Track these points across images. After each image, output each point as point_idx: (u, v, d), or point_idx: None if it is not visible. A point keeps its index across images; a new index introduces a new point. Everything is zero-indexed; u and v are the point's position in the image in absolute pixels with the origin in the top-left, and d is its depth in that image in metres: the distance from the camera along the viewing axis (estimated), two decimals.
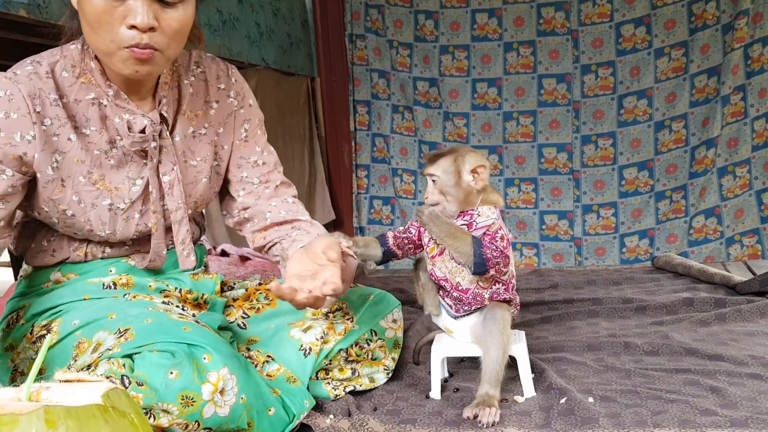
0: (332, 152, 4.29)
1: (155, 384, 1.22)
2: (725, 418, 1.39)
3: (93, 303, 1.44)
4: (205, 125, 1.52)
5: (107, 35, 1.23)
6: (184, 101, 1.48)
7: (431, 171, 1.58)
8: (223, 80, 1.56)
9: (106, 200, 1.40)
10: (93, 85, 1.35)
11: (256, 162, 1.61)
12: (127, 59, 1.25)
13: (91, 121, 1.35)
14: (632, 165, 3.94)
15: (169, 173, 1.45)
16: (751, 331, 1.95)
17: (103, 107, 1.36)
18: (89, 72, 1.34)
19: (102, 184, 1.39)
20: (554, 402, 1.53)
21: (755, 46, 3.64)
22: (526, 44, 3.96)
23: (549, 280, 2.73)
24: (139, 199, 1.44)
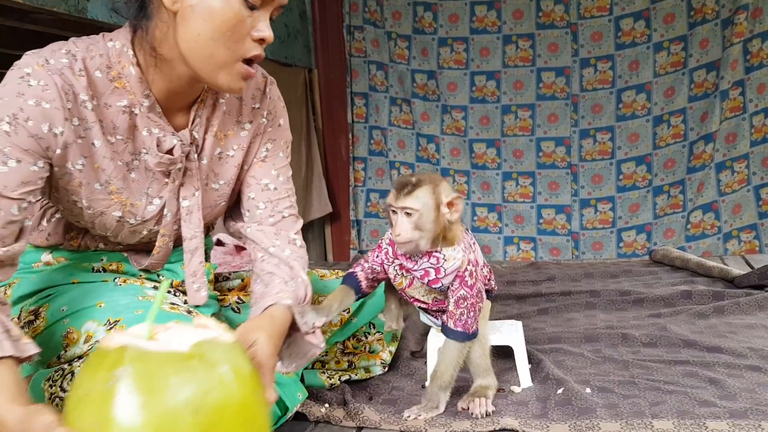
0: (329, 144, 4.27)
1: None
2: (724, 409, 1.38)
3: (81, 287, 1.39)
4: (234, 147, 1.42)
5: (233, 45, 1.17)
6: (216, 120, 1.38)
7: (408, 204, 1.38)
8: (258, 99, 1.44)
9: (116, 212, 1.32)
10: (127, 91, 1.24)
11: (267, 186, 1.46)
12: (239, 74, 1.20)
13: (118, 129, 1.26)
14: (630, 159, 3.92)
15: (189, 198, 1.36)
16: (750, 323, 1.94)
17: (133, 116, 1.26)
18: (125, 77, 1.23)
19: (118, 196, 1.30)
20: (551, 392, 1.52)
21: (754, 41, 3.62)
22: (525, 37, 3.94)
23: (546, 272, 2.72)
24: (152, 219, 1.36)
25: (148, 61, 1.23)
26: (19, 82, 1.15)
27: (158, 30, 1.19)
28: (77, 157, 1.22)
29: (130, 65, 1.23)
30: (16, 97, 1.14)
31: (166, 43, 1.20)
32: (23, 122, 1.13)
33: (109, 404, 0.82)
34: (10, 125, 1.13)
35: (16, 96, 1.14)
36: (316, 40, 4.14)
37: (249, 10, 1.16)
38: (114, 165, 1.27)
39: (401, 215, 1.40)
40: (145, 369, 0.85)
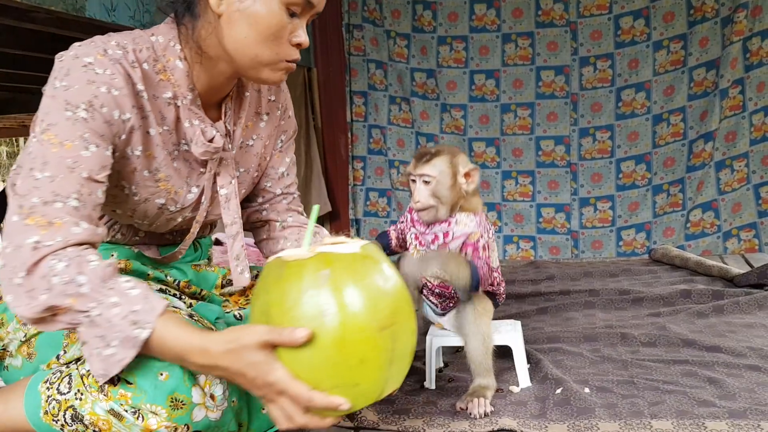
0: (329, 143, 4.26)
1: (144, 385, 1.20)
2: (723, 409, 1.38)
3: None
4: (254, 137, 1.51)
5: (276, 47, 1.26)
6: (243, 113, 1.47)
7: (426, 171, 1.48)
8: (273, 92, 1.55)
9: (160, 199, 1.37)
10: (171, 84, 1.31)
11: (283, 174, 1.60)
12: (282, 70, 1.29)
13: (166, 120, 1.32)
14: (630, 158, 3.92)
15: (227, 186, 1.44)
16: (749, 323, 1.93)
17: (177, 108, 1.33)
18: (170, 70, 1.31)
19: (165, 184, 1.36)
20: (550, 392, 1.52)
21: (754, 40, 3.62)
22: (524, 36, 3.93)
23: (545, 271, 2.72)
24: (189, 207, 1.42)
25: (193, 58, 1.32)
26: (85, 71, 1.20)
27: (204, 30, 1.28)
28: (137, 143, 1.29)
29: (177, 59, 1.31)
30: (88, 85, 1.19)
31: (210, 41, 1.29)
32: (98, 108, 1.19)
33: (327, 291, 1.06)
34: (87, 111, 1.18)
35: (87, 83, 1.19)
36: (315, 38, 4.12)
37: (290, 17, 1.25)
38: (163, 154, 1.34)
39: (419, 182, 1.49)
40: (344, 266, 1.10)
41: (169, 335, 1.11)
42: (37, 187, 1.15)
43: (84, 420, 1.23)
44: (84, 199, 1.18)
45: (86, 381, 1.24)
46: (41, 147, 1.17)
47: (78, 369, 1.26)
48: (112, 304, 1.11)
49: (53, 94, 1.19)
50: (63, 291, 1.10)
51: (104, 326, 1.11)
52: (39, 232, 1.12)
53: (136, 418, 1.20)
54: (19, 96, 4.48)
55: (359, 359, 1.08)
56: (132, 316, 1.11)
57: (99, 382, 1.16)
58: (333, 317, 1.06)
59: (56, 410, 1.25)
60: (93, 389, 1.22)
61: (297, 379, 1.08)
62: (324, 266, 1.09)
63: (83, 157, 1.18)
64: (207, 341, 1.11)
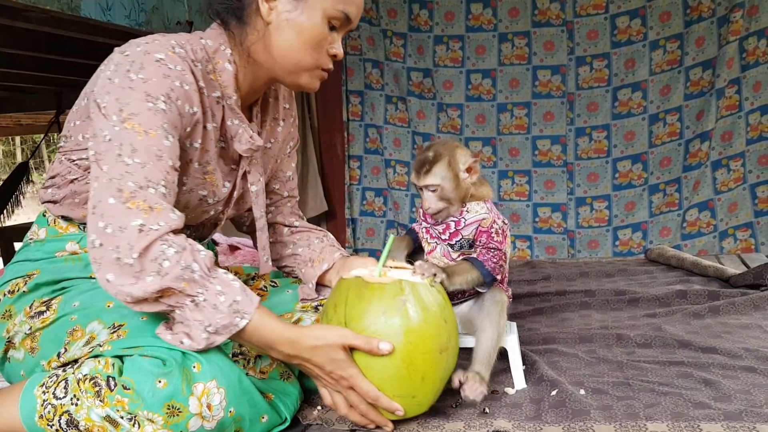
0: (325, 143, 4.26)
1: (142, 392, 1.20)
2: (719, 411, 1.37)
3: (97, 286, 1.42)
4: (271, 140, 1.62)
5: (316, 55, 1.38)
6: (267, 117, 1.59)
7: (428, 182, 1.52)
8: (287, 100, 1.66)
9: (203, 191, 1.45)
10: (219, 85, 1.40)
11: (289, 177, 1.73)
12: (318, 76, 1.43)
13: (215, 117, 1.41)
14: (626, 158, 3.92)
15: (256, 183, 1.55)
16: (745, 323, 1.93)
17: (223, 108, 1.42)
18: (218, 72, 1.40)
19: (211, 176, 1.45)
20: (545, 394, 1.51)
21: (750, 39, 3.62)
22: (520, 35, 3.93)
23: (541, 271, 2.71)
24: (222, 201, 1.53)
25: (240, 62, 1.42)
26: (160, 66, 1.27)
27: (252, 36, 1.39)
28: (198, 136, 1.38)
29: (227, 62, 1.41)
30: (164, 79, 1.27)
31: (257, 47, 1.40)
32: (175, 101, 1.28)
33: (405, 317, 1.28)
34: (166, 103, 1.26)
35: (163, 77, 1.27)
36: None
37: (329, 29, 1.38)
38: (213, 148, 1.43)
39: (426, 191, 1.54)
40: (416, 294, 1.32)
41: (263, 326, 1.25)
42: (129, 173, 1.21)
43: (79, 426, 1.23)
44: (170, 187, 1.26)
45: (82, 386, 1.23)
46: (125, 134, 1.22)
47: (74, 373, 1.26)
48: (218, 292, 1.22)
49: (130, 86, 1.25)
50: (180, 275, 1.18)
51: (208, 311, 1.21)
52: (142, 215, 1.18)
53: (132, 425, 1.20)
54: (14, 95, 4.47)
55: (421, 376, 1.30)
56: (235, 306, 1.23)
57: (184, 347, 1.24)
58: (408, 338, 1.28)
59: (51, 415, 1.25)
60: (89, 395, 1.22)
61: None
62: (400, 293, 1.30)
63: (165, 146, 1.25)
64: (297, 334, 1.27)
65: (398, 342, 1.27)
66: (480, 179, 1.59)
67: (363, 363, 1.29)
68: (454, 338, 1.37)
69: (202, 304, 1.21)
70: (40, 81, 3.83)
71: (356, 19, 1.43)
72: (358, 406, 1.32)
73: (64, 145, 1.46)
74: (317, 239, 1.71)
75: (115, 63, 1.29)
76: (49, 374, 1.30)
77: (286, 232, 1.73)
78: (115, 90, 1.25)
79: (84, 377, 1.24)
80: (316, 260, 1.65)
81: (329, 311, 1.36)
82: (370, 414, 1.32)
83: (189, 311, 1.22)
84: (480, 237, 1.55)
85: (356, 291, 1.33)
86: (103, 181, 1.21)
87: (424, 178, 1.53)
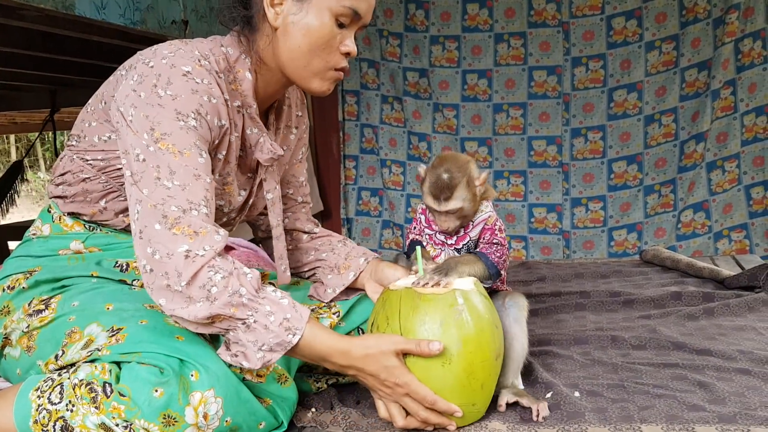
0: (321, 142, 4.25)
1: (138, 400, 1.19)
2: (713, 413, 1.37)
3: (97, 286, 1.42)
4: (284, 147, 1.58)
5: (326, 56, 1.36)
6: (282, 125, 1.58)
7: (452, 207, 1.50)
8: (299, 108, 1.66)
9: (221, 201, 1.46)
10: (240, 94, 1.40)
11: (302, 183, 1.74)
12: (331, 79, 1.39)
13: (237, 127, 1.41)
14: (621, 158, 3.92)
15: (272, 191, 1.54)
16: (740, 325, 1.93)
17: (243, 117, 1.42)
18: (239, 81, 1.39)
19: (229, 187, 1.46)
20: (540, 396, 1.51)
21: (746, 41, 3.62)
22: (516, 36, 3.93)
23: (536, 272, 2.71)
24: (237, 209, 1.53)
25: (256, 69, 1.41)
26: (187, 80, 1.27)
27: (262, 41, 1.38)
28: (223, 148, 1.39)
29: (247, 71, 1.40)
30: (192, 95, 1.27)
31: (267, 52, 1.39)
32: (204, 116, 1.29)
33: (462, 327, 1.29)
34: (196, 120, 1.27)
35: (191, 93, 1.27)
36: None
37: (339, 28, 1.35)
38: (234, 159, 1.43)
39: (445, 215, 1.52)
40: (470, 302, 1.33)
41: (315, 339, 1.26)
42: (171, 197, 1.23)
43: None
44: (209, 205, 1.27)
45: (78, 392, 1.22)
46: (161, 155, 1.23)
47: (70, 378, 1.25)
48: (267, 312, 1.24)
49: (160, 102, 1.24)
50: (228, 302, 1.21)
51: (260, 331, 1.23)
52: (187, 241, 1.21)
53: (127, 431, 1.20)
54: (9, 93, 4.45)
55: (481, 384, 1.32)
56: (285, 324, 1.24)
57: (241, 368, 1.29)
58: (467, 347, 1.29)
59: (46, 420, 1.24)
60: (85, 401, 1.21)
61: None
62: (455, 303, 1.31)
63: (200, 164, 1.27)
64: (349, 345, 1.28)
65: (458, 351, 1.28)
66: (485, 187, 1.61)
67: (421, 374, 1.29)
68: (502, 342, 1.40)
69: (254, 325, 1.23)
70: (35, 79, 3.82)
71: (367, 14, 1.38)
72: (417, 413, 1.30)
73: (77, 144, 1.45)
74: (340, 243, 1.72)
75: (139, 74, 1.27)
76: (44, 378, 1.29)
77: (306, 239, 1.73)
78: (142, 106, 1.25)
79: (80, 382, 1.23)
80: (342, 267, 1.65)
81: (381, 324, 1.35)
82: (432, 418, 1.31)
83: (242, 333, 1.24)
84: (484, 234, 1.56)
85: (409, 302, 1.33)
86: (146, 207, 1.23)
87: (445, 205, 1.50)
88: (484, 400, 1.37)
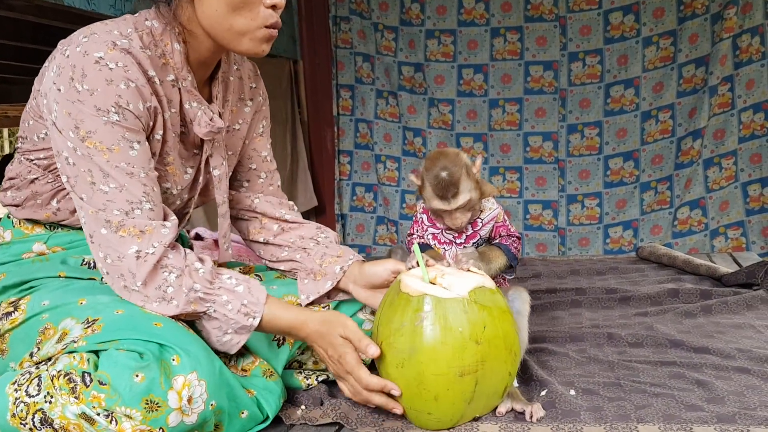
0: (315, 137, 4.22)
1: (119, 387, 1.16)
2: (711, 413, 1.34)
3: (66, 284, 1.38)
4: (239, 121, 1.56)
5: (249, 14, 1.28)
6: (229, 97, 1.51)
7: (462, 201, 1.50)
8: (253, 79, 1.60)
9: (166, 184, 1.41)
10: (172, 67, 1.34)
11: (266, 158, 1.65)
12: (262, 38, 1.31)
13: (172, 102, 1.35)
14: (618, 155, 3.89)
15: (219, 167, 1.49)
16: (738, 323, 1.90)
17: (179, 91, 1.36)
18: (169, 54, 1.33)
19: (172, 167, 1.40)
20: (534, 394, 1.48)
21: (744, 37, 3.59)
22: (513, 30, 3.90)
23: (532, 269, 2.69)
24: (187, 188, 1.47)
25: (183, 39, 1.34)
26: (100, 69, 1.21)
27: (180, 10, 1.31)
28: (159, 128, 1.33)
29: (176, 42, 1.32)
30: (108, 86, 1.21)
31: (190, 21, 1.32)
32: (126, 107, 1.23)
33: (419, 335, 1.25)
34: (118, 114, 1.22)
35: (107, 84, 1.21)
36: (302, 30, 4.08)
37: None
38: (171, 137, 1.37)
39: (455, 212, 1.52)
40: (440, 311, 1.25)
41: (275, 318, 1.33)
42: (110, 200, 1.23)
43: (54, 424, 1.19)
44: (152, 198, 1.27)
45: (56, 383, 1.19)
46: (91, 157, 1.22)
47: (48, 370, 1.22)
48: (225, 301, 1.29)
49: (79, 98, 1.21)
50: (186, 300, 1.26)
51: (221, 319, 1.30)
52: (135, 241, 1.24)
53: (109, 422, 1.16)
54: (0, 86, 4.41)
55: (434, 396, 1.27)
56: (243, 309, 1.30)
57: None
58: (419, 357, 1.25)
59: (24, 413, 1.20)
60: (64, 392, 1.18)
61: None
62: (420, 309, 1.27)
63: (133, 158, 1.25)
64: (305, 319, 1.35)
65: (409, 358, 1.26)
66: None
67: (382, 368, 1.32)
68: (496, 358, 1.29)
69: (214, 315, 1.30)
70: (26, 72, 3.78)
71: None
72: (358, 393, 1.33)
73: (22, 146, 1.41)
74: (312, 241, 1.62)
75: (57, 65, 1.24)
76: (21, 372, 1.26)
77: (276, 230, 1.63)
78: (63, 102, 1.22)
79: (58, 373, 1.20)
80: (318, 273, 1.57)
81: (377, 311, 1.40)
82: (373, 399, 1.33)
83: (205, 322, 1.31)
84: (499, 231, 1.61)
85: (391, 296, 1.35)
86: (89, 213, 1.25)
87: (454, 202, 1.50)
88: (443, 412, 1.30)
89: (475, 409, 1.34)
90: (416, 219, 1.66)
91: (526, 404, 1.38)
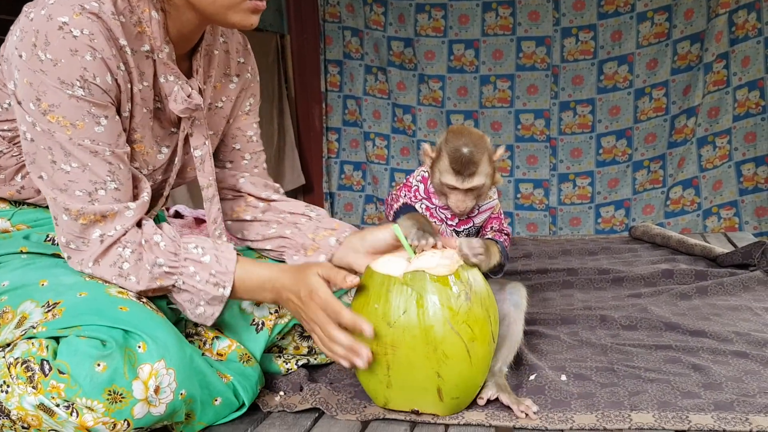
0: (302, 114, 4.15)
1: (79, 376, 1.08)
2: (709, 400, 1.28)
3: (28, 262, 1.30)
4: (223, 98, 1.46)
5: None
6: (212, 72, 1.41)
7: (476, 183, 1.43)
8: (242, 53, 1.50)
9: (135, 163, 1.30)
10: (148, 37, 1.24)
11: (251, 138, 1.55)
12: (249, 9, 1.23)
13: (145, 75, 1.25)
14: (610, 133, 3.83)
15: (200, 147, 1.39)
16: (735, 305, 1.85)
17: (154, 63, 1.26)
18: (145, 22, 1.23)
19: (140, 145, 1.30)
20: (523, 379, 1.42)
21: (740, 12, 3.52)
22: (504, 4, 3.81)
23: (522, 249, 2.62)
24: (161, 168, 1.38)
25: (163, 7, 1.25)
26: (63, 36, 1.12)
27: None
28: (126, 102, 1.24)
29: (153, 10, 1.23)
30: (72, 56, 1.13)
31: None
32: (92, 80, 1.15)
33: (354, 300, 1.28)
34: (83, 89, 1.14)
35: (71, 55, 1.13)
36: (289, 4, 4.00)
37: None
38: (142, 113, 1.28)
39: (464, 193, 1.44)
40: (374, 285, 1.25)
41: (247, 275, 1.27)
42: (73, 181, 1.17)
43: (11, 415, 1.12)
44: (119, 177, 1.20)
45: (14, 371, 1.11)
46: (52, 134, 1.15)
47: (5, 357, 1.14)
48: (192, 273, 1.24)
49: (42, 69, 1.12)
50: (151, 277, 1.22)
51: (191, 291, 1.25)
52: (98, 226, 1.20)
53: (69, 413, 1.09)
54: None
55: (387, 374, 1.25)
56: (212, 279, 1.25)
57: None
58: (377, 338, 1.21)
59: None
60: (21, 381, 1.10)
61: None
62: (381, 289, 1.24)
63: (99, 134, 1.17)
64: (281, 268, 1.29)
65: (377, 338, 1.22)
66: None
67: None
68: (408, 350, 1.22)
69: (183, 287, 1.25)
70: None
71: None
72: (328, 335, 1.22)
73: None
74: (304, 217, 1.53)
75: (20, 28, 1.14)
76: None
77: (263, 206, 1.54)
78: (25, 70, 1.13)
79: (15, 361, 1.12)
80: (310, 248, 1.47)
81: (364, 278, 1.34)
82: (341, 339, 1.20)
83: (176, 295, 1.26)
84: (492, 223, 1.54)
85: (368, 270, 1.30)
86: (49, 194, 1.19)
87: (469, 181, 1.42)
88: (371, 383, 1.29)
89: (398, 399, 1.28)
90: (407, 183, 1.57)
91: (514, 401, 1.29)
